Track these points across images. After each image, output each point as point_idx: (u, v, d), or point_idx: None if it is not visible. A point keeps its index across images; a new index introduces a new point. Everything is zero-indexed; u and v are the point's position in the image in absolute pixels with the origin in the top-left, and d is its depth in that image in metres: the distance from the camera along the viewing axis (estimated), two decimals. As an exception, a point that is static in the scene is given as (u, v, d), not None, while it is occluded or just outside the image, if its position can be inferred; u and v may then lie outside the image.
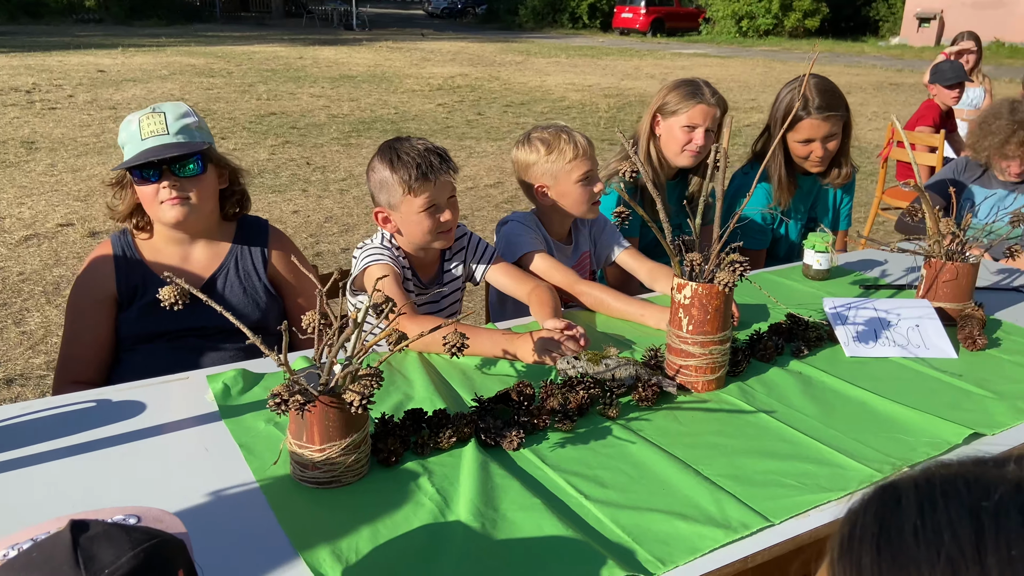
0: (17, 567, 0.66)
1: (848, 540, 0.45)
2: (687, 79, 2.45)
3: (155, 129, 1.70)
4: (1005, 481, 0.41)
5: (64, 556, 0.65)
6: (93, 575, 0.64)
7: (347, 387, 1.14)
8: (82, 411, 1.41)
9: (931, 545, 0.40)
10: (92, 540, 0.67)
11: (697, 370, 1.54)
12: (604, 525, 1.15)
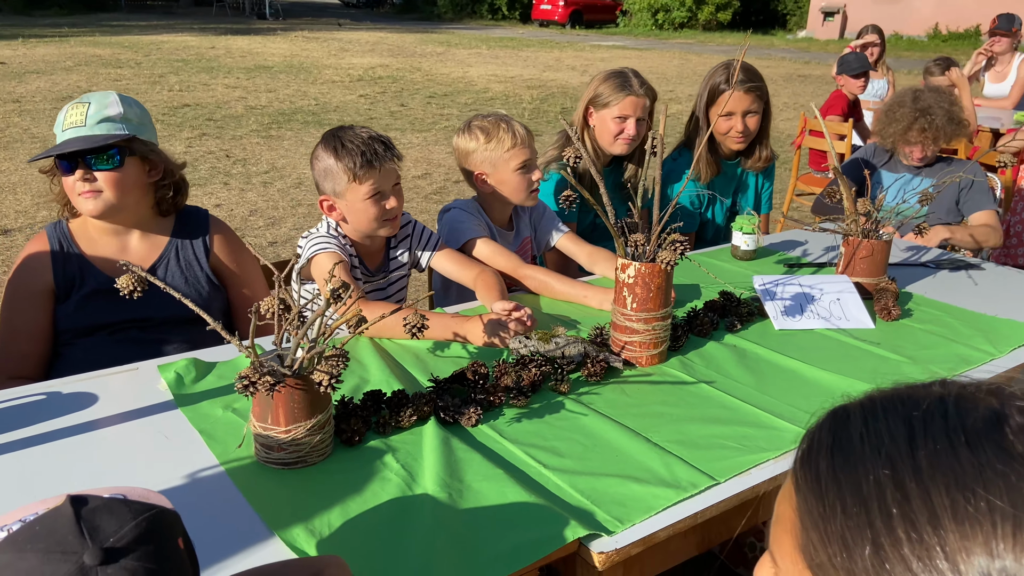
0: (21, 541, 0.67)
1: (807, 453, 0.53)
2: (617, 71, 2.54)
3: (75, 120, 1.68)
4: (931, 395, 0.49)
5: (68, 527, 0.67)
6: (99, 544, 0.66)
7: (315, 367, 1.16)
8: (33, 404, 1.38)
9: (874, 447, 0.48)
10: (93, 512, 0.69)
11: (641, 345, 1.62)
12: (564, 491, 1.21)
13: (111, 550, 0.66)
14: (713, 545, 1.37)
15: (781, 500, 0.56)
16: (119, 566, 0.65)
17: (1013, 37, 5.62)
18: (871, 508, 0.46)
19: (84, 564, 0.64)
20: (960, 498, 0.43)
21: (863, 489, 0.47)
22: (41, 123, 8.13)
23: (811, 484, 0.51)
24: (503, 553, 1.06)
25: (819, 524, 0.49)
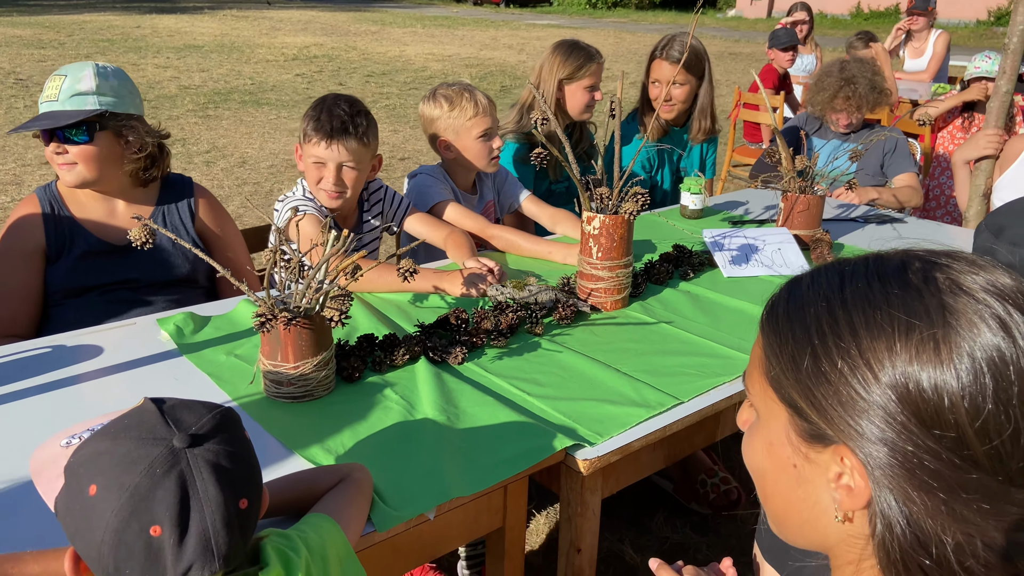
0: (113, 432, 0.77)
1: (770, 307, 0.68)
2: (572, 43, 2.64)
3: (50, 95, 1.72)
4: (859, 259, 0.65)
5: (155, 419, 0.78)
6: (185, 431, 0.77)
7: (326, 305, 1.27)
8: (40, 356, 1.45)
9: (815, 292, 0.64)
10: (173, 408, 0.80)
11: (606, 291, 1.77)
12: (547, 413, 1.36)
13: (196, 436, 0.77)
14: (678, 459, 1.54)
15: (752, 351, 0.71)
16: (204, 448, 0.77)
17: (929, 15, 5.96)
18: (810, 330, 0.62)
19: (174, 447, 0.76)
20: (872, 314, 0.59)
21: (806, 320, 0.63)
22: (-36, 104, 7.83)
23: (771, 325, 0.67)
24: (501, 461, 1.20)
25: (775, 350, 0.65)
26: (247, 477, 0.80)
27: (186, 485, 0.74)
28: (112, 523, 0.72)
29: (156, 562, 0.73)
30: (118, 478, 0.73)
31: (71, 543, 0.77)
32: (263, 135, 7.31)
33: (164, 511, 0.73)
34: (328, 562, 0.90)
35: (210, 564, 0.75)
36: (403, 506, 1.08)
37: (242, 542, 0.79)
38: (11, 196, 5.13)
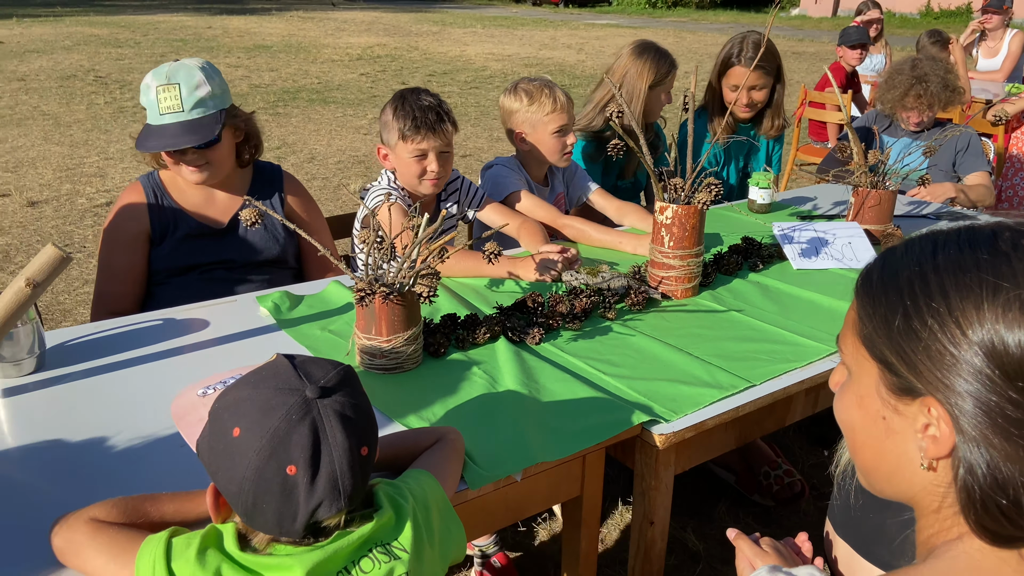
0: (253, 381, 0.86)
1: (866, 273, 0.74)
2: (656, 49, 2.64)
3: (171, 105, 1.79)
4: (952, 231, 0.70)
5: (289, 372, 0.87)
6: (315, 383, 0.86)
7: (417, 282, 1.36)
8: (154, 327, 1.58)
9: (908, 257, 0.69)
10: (304, 363, 0.89)
11: (677, 280, 1.82)
12: (623, 391, 1.42)
13: (324, 388, 0.86)
14: (747, 440, 1.58)
15: (847, 314, 0.77)
16: (332, 399, 0.85)
17: (1004, 14, 5.81)
18: (903, 292, 0.67)
19: (307, 397, 0.84)
20: (962, 277, 0.64)
21: (899, 283, 0.68)
22: (49, 100, 8.24)
23: (865, 289, 0.72)
24: (580, 431, 1.27)
25: (869, 311, 0.70)
26: (367, 427, 0.89)
27: (318, 431, 0.83)
28: (254, 462, 0.81)
29: (290, 498, 0.82)
30: (259, 422, 0.82)
31: (212, 480, 0.86)
32: (330, 132, 7.51)
33: (299, 453, 0.81)
34: (430, 511, 0.98)
35: (337, 502, 0.83)
36: (492, 468, 1.16)
37: (362, 485, 0.87)
38: (95, 187, 5.40)
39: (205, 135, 1.80)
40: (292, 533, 0.84)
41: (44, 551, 0.96)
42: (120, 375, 1.40)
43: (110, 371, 1.41)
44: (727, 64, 2.77)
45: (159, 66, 1.85)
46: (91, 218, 4.80)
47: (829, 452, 2.57)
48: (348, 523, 0.88)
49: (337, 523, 0.86)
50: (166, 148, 1.80)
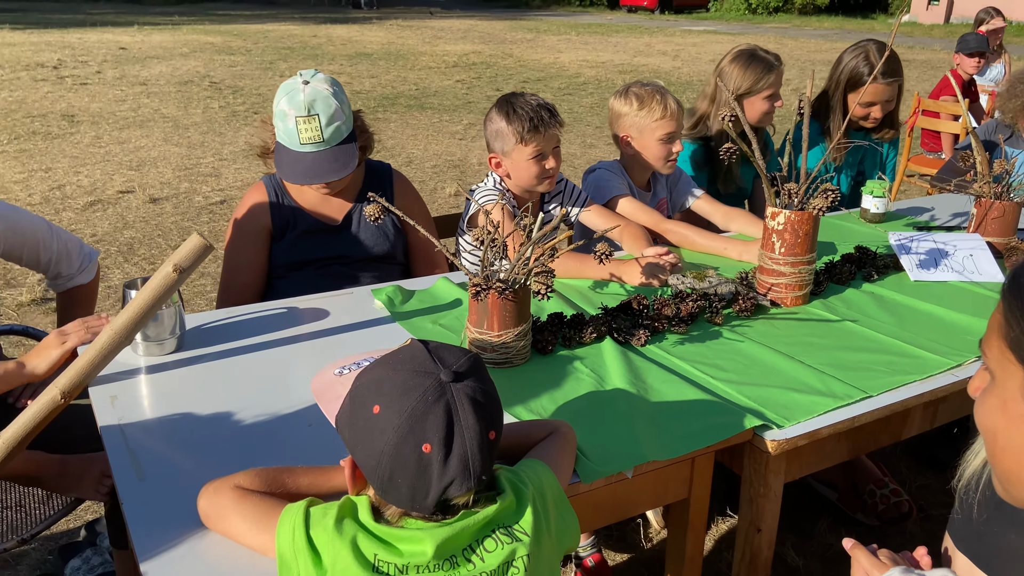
0: (391, 363, 0.91)
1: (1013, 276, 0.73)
2: (750, 55, 2.60)
3: (312, 136, 1.86)
4: None
5: (424, 356, 0.91)
6: (448, 368, 0.90)
7: (532, 279, 1.39)
8: (279, 315, 1.67)
9: None
10: (437, 348, 0.93)
11: (787, 287, 1.79)
12: (732, 396, 1.41)
13: (458, 372, 0.90)
14: (860, 453, 1.55)
15: (991, 318, 0.75)
16: (464, 384, 0.89)
17: None
18: None
19: (441, 380, 0.88)
20: None
21: None
22: (168, 104, 8.74)
23: (1012, 292, 0.71)
24: (690, 433, 1.27)
25: (1017, 315, 0.69)
26: (495, 412, 0.92)
27: (451, 413, 0.87)
28: (392, 438, 0.86)
29: (424, 474, 0.86)
30: (398, 401, 0.86)
31: (351, 453, 0.91)
32: (427, 137, 7.68)
33: (434, 432, 0.85)
34: (547, 500, 1.00)
35: (467, 482, 0.87)
36: (604, 463, 1.18)
37: (490, 468, 0.91)
38: (211, 186, 5.70)
39: (346, 163, 1.89)
40: (423, 508, 0.88)
41: (186, 514, 1.04)
42: (249, 357, 1.49)
43: (240, 353, 1.51)
44: (857, 80, 2.68)
45: (291, 89, 1.87)
46: (206, 215, 5.07)
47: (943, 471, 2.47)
48: (474, 503, 0.91)
49: (465, 502, 0.89)
50: (316, 182, 1.88)
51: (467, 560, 0.90)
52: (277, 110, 1.91)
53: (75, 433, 1.68)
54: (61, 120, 7.69)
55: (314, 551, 0.90)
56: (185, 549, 0.99)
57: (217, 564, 0.97)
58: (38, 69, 10.75)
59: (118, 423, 1.27)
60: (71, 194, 5.40)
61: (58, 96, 8.91)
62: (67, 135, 7.09)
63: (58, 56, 12.01)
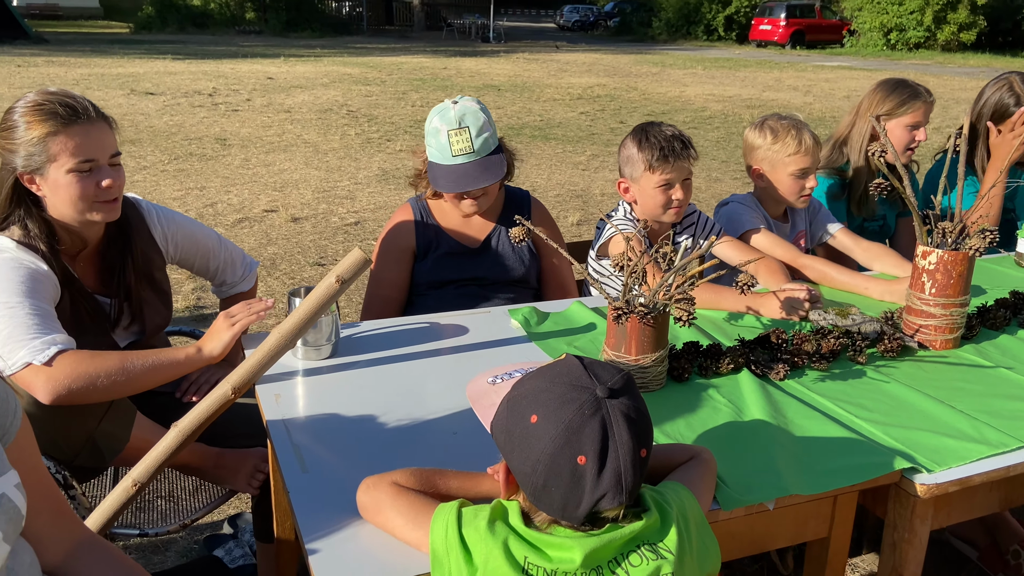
0: (549, 375, 0.96)
1: None
2: (897, 81, 2.56)
3: (464, 147, 1.98)
4: None
5: (580, 372, 0.95)
6: (604, 384, 0.93)
7: (674, 306, 1.41)
8: (421, 329, 1.76)
9: None
10: (593, 364, 0.97)
11: (936, 329, 1.72)
12: (878, 436, 1.37)
13: (613, 389, 0.93)
14: (1014, 505, 1.46)
15: None
16: (619, 401, 0.92)
17: None
18: None
19: (597, 396, 0.92)
20: None
21: None
22: (310, 130, 9.28)
23: None
24: (834, 470, 1.25)
25: None
26: (646, 430, 0.95)
27: (607, 428, 0.90)
28: (548, 448, 0.90)
29: (578, 485, 0.90)
30: (556, 412, 0.91)
31: (506, 460, 0.96)
32: (550, 167, 7.81)
33: (590, 445, 0.89)
34: (689, 523, 1.01)
35: (619, 496, 0.90)
36: (745, 492, 1.18)
37: (640, 484, 0.93)
38: (346, 208, 6.01)
39: (496, 171, 2.00)
40: (574, 519, 0.91)
41: (345, 504, 1.11)
42: (395, 367, 1.58)
43: (387, 363, 1.60)
44: (1003, 112, 2.56)
45: (442, 109, 2.02)
46: (342, 235, 5.34)
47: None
48: (622, 518, 0.94)
49: (615, 515, 0.92)
50: (471, 187, 1.99)
51: (612, 572, 0.92)
52: (430, 128, 2.04)
53: (230, 430, 1.82)
54: (214, 143, 8.32)
55: (466, 549, 0.95)
56: (346, 536, 1.07)
57: (374, 553, 1.04)
58: (195, 96, 11.69)
59: (282, 419, 1.38)
60: (222, 211, 5.82)
61: (212, 121, 9.65)
62: (219, 157, 7.67)
63: (213, 84, 13.02)
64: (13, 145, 1.55)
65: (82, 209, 1.58)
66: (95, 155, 1.57)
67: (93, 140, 1.57)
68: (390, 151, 8.31)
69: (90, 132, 1.57)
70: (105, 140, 1.60)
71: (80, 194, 1.56)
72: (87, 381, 1.49)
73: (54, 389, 1.46)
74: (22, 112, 1.56)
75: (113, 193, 1.61)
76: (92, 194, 1.57)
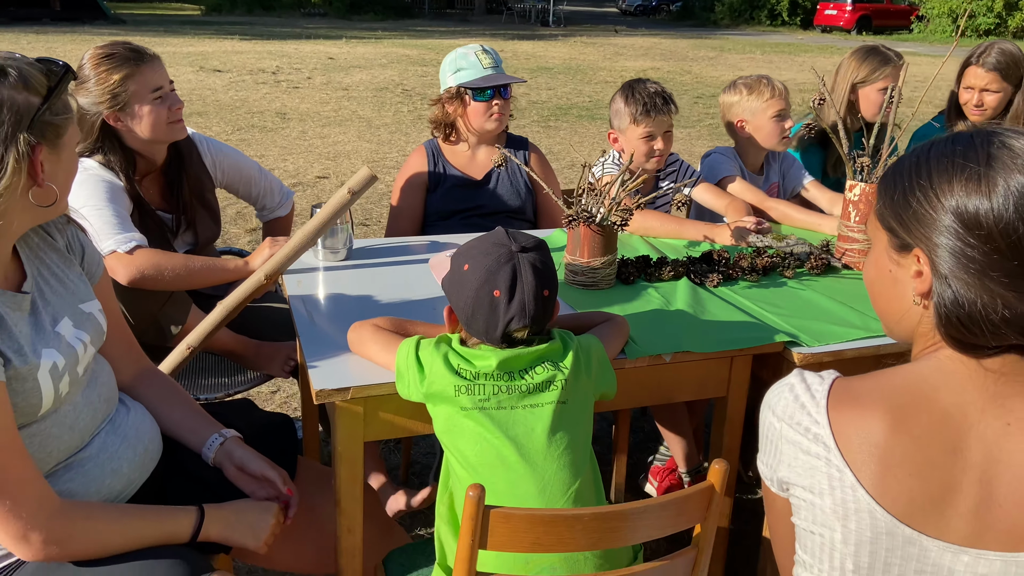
0: (479, 237, 1.30)
1: (887, 169, 0.98)
2: (869, 48, 2.81)
3: (490, 63, 2.42)
4: (948, 134, 0.92)
5: (502, 234, 1.29)
6: (518, 243, 1.27)
7: (613, 214, 1.74)
8: (421, 244, 2.13)
9: (912, 153, 0.92)
10: (514, 232, 1.31)
11: (860, 252, 2.01)
12: (777, 323, 1.67)
13: (524, 247, 1.27)
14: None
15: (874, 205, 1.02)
16: (528, 255, 1.26)
17: None
18: (903, 175, 0.92)
19: (511, 250, 1.26)
20: (942, 162, 0.87)
21: (901, 170, 0.93)
22: (365, 107, 9.75)
23: (882, 179, 0.97)
24: (729, 339, 1.57)
25: (881, 193, 0.96)
26: (551, 278, 1.28)
27: (516, 271, 1.24)
28: (474, 285, 1.24)
29: (494, 312, 1.24)
30: (480, 260, 1.25)
31: (449, 301, 1.31)
32: (592, 144, 8.09)
33: (503, 283, 1.23)
34: (591, 356, 1.34)
35: (523, 319, 1.24)
36: (647, 347, 1.51)
37: (543, 316, 1.27)
38: (393, 177, 6.42)
39: (519, 80, 2.45)
40: (493, 339, 1.26)
41: (339, 345, 1.48)
42: (400, 268, 1.95)
43: (394, 266, 1.97)
44: (965, 64, 2.82)
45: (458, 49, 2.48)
46: (386, 200, 5.76)
47: None
48: (530, 343, 1.28)
49: (522, 336, 1.26)
50: (508, 83, 2.42)
51: (520, 377, 1.27)
52: (456, 57, 2.45)
53: (266, 329, 2.22)
54: (275, 117, 8.84)
55: (420, 364, 1.30)
56: (337, 360, 1.44)
57: (356, 370, 1.41)
58: (259, 74, 12.29)
59: (300, 295, 1.76)
60: (278, 177, 6.30)
61: (274, 97, 10.20)
62: (279, 129, 8.18)
63: (277, 63, 13.63)
64: (94, 93, 1.95)
65: (162, 131, 1.99)
66: (162, 83, 1.97)
67: (158, 73, 1.97)
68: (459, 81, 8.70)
69: (155, 67, 1.97)
70: (164, 72, 2.00)
71: (160, 119, 1.97)
72: (157, 271, 1.90)
73: (131, 273, 1.87)
74: (94, 64, 1.95)
75: (180, 113, 2.01)
76: (166, 117, 1.97)
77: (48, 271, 1.30)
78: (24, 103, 1.14)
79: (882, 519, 0.88)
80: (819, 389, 0.96)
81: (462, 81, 2.42)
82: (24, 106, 1.13)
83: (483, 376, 1.26)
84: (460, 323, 1.31)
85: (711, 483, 1.11)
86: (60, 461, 1.24)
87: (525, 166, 2.47)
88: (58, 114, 1.18)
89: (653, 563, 1.12)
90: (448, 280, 1.32)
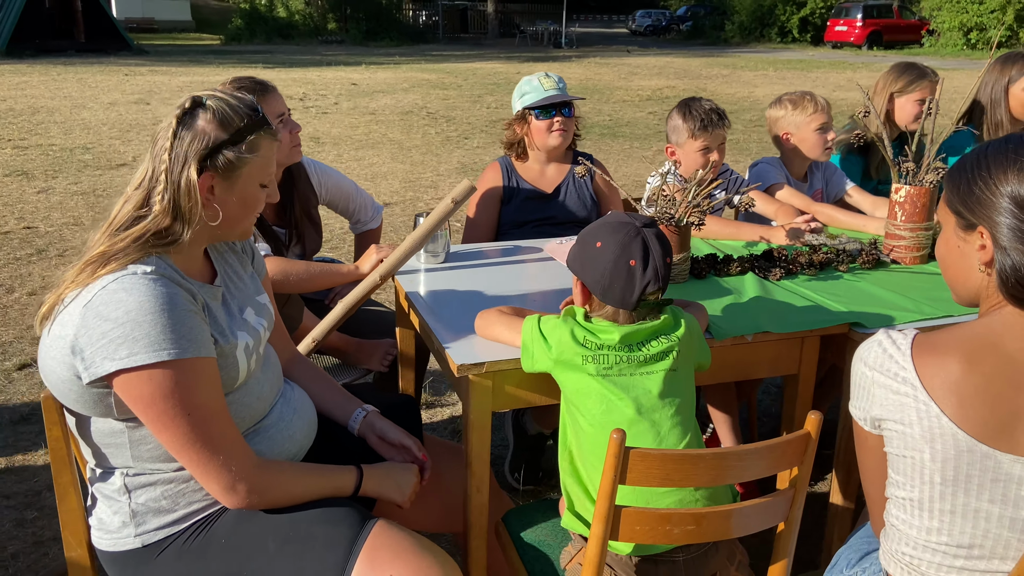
0: (604, 220, 1.52)
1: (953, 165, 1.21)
2: (908, 63, 3.06)
3: (551, 85, 2.66)
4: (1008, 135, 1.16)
5: (623, 215, 1.52)
6: (639, 220, 1.50)
7: (689, 215, 1.97)
8: (508, 248, 2.36)
9: (976, 150, 1.16)
10: (634, 214, 1.54)
11: (907, 248, 2.23)
12: (838, 309, 1.89)
13: (647, 223, 1.49)
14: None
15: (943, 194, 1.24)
16: (650, 229, 1.48)
17: None
18: (964, 169, 1.15)
19: (637, 226, 1.48)
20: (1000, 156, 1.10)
21: (964, 165, 1.16)
22: (393, 130, 10.06)
23: (950, 173, 1.20)
24: (801, 321, 1.79)
25: (949, 184, 1.18)
26: (669, 248, 1.49)
27: (646, 242, 1.45)
28: (611, 258, 1.44)
29: (632, 280, 1.44)
30: (612, 236, 1.46)
31: (579, 277, 1.53)
32: (616, 161, 8.34)
33: (637, 253, 1.44)
34: (692, 331, 1.57)
35: (657, 283, 1.45)
36: (732, 329, 1.73)
37: (667, 281, 1.49)
38: (431, 195, 6.68)
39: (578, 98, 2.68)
40: (629, 304, 1.46)
41: (464, 328, 1.72)
42: (491, 269, 2.19)
43: (486, 267, 2.21)
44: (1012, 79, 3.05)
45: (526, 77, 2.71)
46: (428, 216, 6.02)
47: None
48: (651, 318, 1.50)
49: (655, 300, 1.48)
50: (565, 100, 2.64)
51: (639, 348, 1.49)
52: (523, 84, 2.71)
53: (366, 328, 2.46)
54: (309, 141, 9.15)
55: (544, 337, 1.53)
56: (465, 340, 1.67)
57: (481, 351, 1.64)
58: (288, 100, 12.64)
59: (414, 292, 2.00)
60: (323, 197, 6.58)
61: (305, 122, 10.53)
62: (315, 153, 8.48)
63: (303, 90, 14.01)
64: None
65: (285, 153, 2.24)
66: (283, 110, 2.23)
67: (279, 101, 2.23)
68: (468, 148, 8.99)
69: (276, 96, 2.23)
70: (283, 100, 2.26)
71: (284, 143, 2.22)
72: (283, 275, 2.15)
73: None
74: None
75: (299, 138, 2.27)
76: (288, 141, 2.23)
77: (231, 269, 1.55)
78: (213, 137, 1.35)
79: (963, 440, 1.10)
80: (903, 342, 1.18)
81: (526, 104, 2.67)
82: (211, 139, 1.35)
83: (607, 347, 1.48)
84: (595, 295, 1.52)
85: (807, 431, 1.33)
86: (249, 428, 1.48)
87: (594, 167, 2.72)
88: (241, 153, 1.37)
89: (761, 499, 1.34)
90: (578, 259, 1.53)
